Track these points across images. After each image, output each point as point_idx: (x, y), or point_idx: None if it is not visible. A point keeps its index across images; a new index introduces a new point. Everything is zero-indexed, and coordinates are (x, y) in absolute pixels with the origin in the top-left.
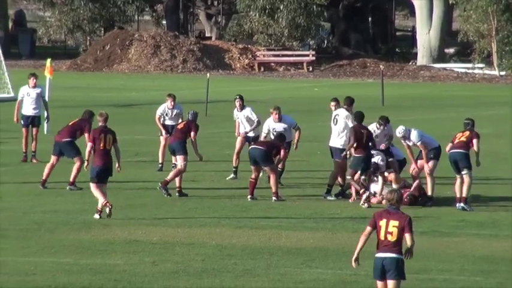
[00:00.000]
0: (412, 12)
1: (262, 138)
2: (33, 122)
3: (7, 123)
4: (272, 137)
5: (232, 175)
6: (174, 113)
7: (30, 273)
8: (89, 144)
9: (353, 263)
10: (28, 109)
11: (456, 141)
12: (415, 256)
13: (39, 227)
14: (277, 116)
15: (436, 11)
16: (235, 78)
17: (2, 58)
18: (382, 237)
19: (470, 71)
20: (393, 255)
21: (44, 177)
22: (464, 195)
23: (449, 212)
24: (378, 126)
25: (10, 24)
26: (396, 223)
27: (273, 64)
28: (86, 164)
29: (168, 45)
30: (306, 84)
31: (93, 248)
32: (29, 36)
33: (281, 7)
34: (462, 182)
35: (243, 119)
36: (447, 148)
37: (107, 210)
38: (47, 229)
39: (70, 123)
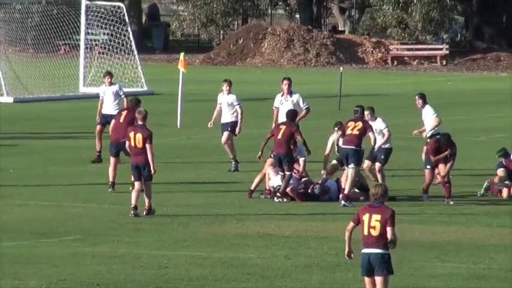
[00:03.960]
0: None
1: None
2: (109, 120)
3: None
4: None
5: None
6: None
7: (163, 266)
8: (127, 143)
9: (347, 257)
10: (106, 108)
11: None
12: None
13: (172, 221)
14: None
15: None
16: (369, 72)
17: (136, 52)
18: (365, 232)
19: None
20: (378, 250)
21: (111, 180)
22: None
23: None
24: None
25: (144, 18)
26: (378, 217)
27: (406, 58)
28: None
29: (301, 39)
30: (440, 78)
31: (226, 241)
32: (162, 30)
33: (415, 0)
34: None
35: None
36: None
37: (131, 212)
38: (180, 223)
39: (121, 120)
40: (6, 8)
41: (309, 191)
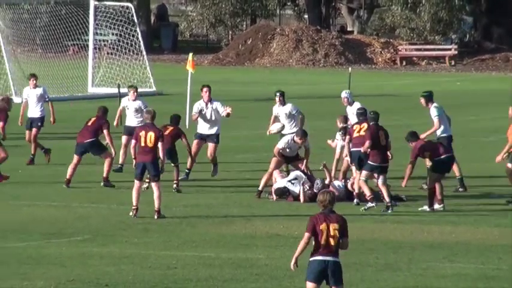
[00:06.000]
0: None
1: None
2: (32, 124)
3: None
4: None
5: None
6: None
7: (172, 267)
8: (133, 142)
9: (292, 267)
10: (30, 111)
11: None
12: None
13: (181, 221)
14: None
15: None
16: (377, 73)
17: (144, 52)
18: (323, 241)
19: None
20: (336, 259)
21: (68, 177)
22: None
23: None
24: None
25: (152, 19)
26: (337, 226)
27: (415, 58)
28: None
29: (310, 39)
30: (448, 79)
31: (235, 241)
32: (171, 31)
33: (423, 1)
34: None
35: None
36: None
37: (131, 213)
38: (188, 223)
39: (89, 124)
40: (15, 8)
41: (314, 189)
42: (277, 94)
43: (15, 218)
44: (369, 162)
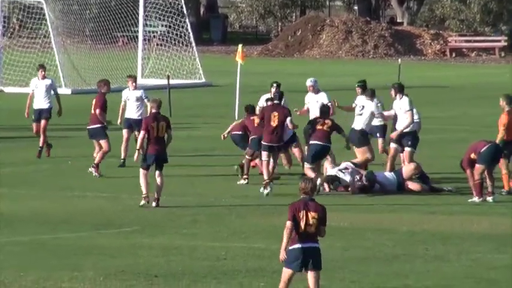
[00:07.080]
0: None
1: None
2: (40, 115)
3: (197, 109)
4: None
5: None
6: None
7: (221, 258)
8: (142, 132)
9: (282, 258)
10: (37, 102)
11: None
12: None
13: (230, 212)
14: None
15: None
16: (427, 64)
17: (194, 44)
18: (302, 229)
19: None
20: (316, 245)
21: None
22: None
23: None
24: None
25: (202, 10)
26: (315, 215)
27: (464, 50)
28: (136, 154)
29: (360, 30)
30: (498, 70)
31: None
32: (220, 22)
33: None
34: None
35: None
36: None
37: (142, 202)
38: (237, 214)
39: (240, 121)
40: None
41: (364, 181)
42: (274, 85)
43: (65, 209)
44: (262, 142)
